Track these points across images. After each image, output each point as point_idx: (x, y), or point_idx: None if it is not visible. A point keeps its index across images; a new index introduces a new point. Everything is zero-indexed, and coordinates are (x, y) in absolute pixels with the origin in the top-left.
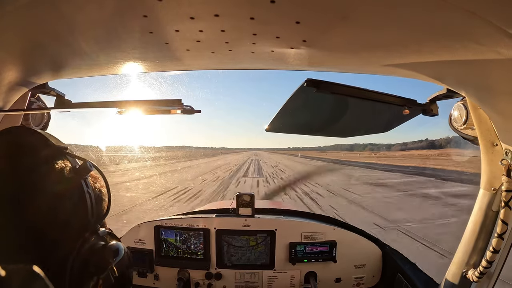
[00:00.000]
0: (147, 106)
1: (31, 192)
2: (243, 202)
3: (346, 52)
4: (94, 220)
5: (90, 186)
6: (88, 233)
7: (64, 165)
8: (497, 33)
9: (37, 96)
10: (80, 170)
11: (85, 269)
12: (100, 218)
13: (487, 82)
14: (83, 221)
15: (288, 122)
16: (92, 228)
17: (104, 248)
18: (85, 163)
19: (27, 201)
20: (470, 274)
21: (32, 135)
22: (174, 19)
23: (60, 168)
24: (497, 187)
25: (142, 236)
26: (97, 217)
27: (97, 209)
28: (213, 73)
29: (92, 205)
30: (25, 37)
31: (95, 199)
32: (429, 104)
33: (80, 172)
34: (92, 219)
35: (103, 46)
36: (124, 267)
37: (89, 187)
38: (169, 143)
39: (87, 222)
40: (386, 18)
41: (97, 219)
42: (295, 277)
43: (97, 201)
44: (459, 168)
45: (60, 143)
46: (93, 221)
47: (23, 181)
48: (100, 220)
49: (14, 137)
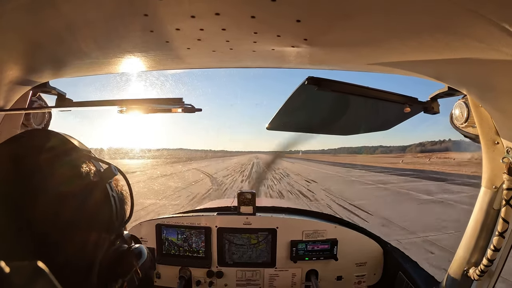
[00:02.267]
0: (148, 104)
1: (57, 196)
2: (245, 200)
3: (347, 50)
4: (119, 223)
5: (114, 189)
6: (114, 236)
7: (89, 169)
8: (499, 31)
9: (38, 95)
10: (105, 173)
11: (110, 272)
12: (124, 221)
13: (488, 80)
14: (108, 224)
15: (289, 120)
16: (117, 231)
17: (128, 251)
18: (109, 167)
19: (52, 207)
20: (471, 272)
21: (55, 138)
22: (174, 18)
23: (86, 172)
24: (498, 185)
25: (144, 234)
26: (121, 220)
27: (121, 213)
28: (214, 72)
29: (116, 208)
30: (26, 36)
31: (119, 202)
32: (430, 102)
33: (105, 176)
34: (116, 222)
35: (104, 44)
36: (147, 268)
37: (113, 191)
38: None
39: (112, 225)
40: (387, 16)
41: (121, 222)
42: (296, 275)
43: (120, 205)
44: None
45: (83, 146)
46: (118, 224)
47: (49, 185)
48: (124, 223)
49: (39, 140)
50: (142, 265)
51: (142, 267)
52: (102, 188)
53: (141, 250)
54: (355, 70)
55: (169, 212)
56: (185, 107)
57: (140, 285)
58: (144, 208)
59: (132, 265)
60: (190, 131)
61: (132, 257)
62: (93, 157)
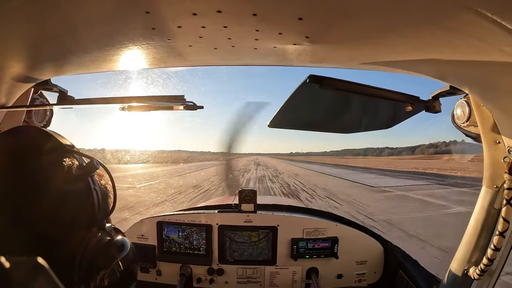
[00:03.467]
0: (149, 102)
1: (39, 191)
2: (246, 197)
3: (348, 48)
4: (101, 216)
5: (96, 183)
6: (96, 229)
7: (72, 163)
8: (501, 30)
9: (40, 93)
10: (87, 167)
11: (92, 264)
12: (107, 214)
13: (490, 80)
14: (90, 217)
15: (290, 118)
16: (99, 224)
17: (110, 243)
18: (91, 161)
19: (35, 200)
20: (471, 271)
21: (38, 134)
22: (176, 15)
23: (68, 166)
24: (499, 185)
25: (145, 231)
26: (103, 213)
27: (104, 205)
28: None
29: (98, 201)
30: (27, 34)
31: (102, 195)
32: (432, 101)
33: (87, 170)
34: (99, 215)
35: (106, 42)
36: (129, 262)
37: (95, 184)
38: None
39: (94, 218)
40: (388, 14)
41: (103, 215)
42: (297, 273)
43: (103, 198)
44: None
45: (66, 141)
46: (100, 217)
47: (31, 180)
48: (106, 216)
49: (20, 136)
50: (124, 258)
51: (124, 260)
52: (84, 181)
53: (123, 243)
54: (357, 69)
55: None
56: (186, 104)
57: (122, 278)
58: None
59: (114, 258)
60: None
61: (113, 250)
62: (76, 151)
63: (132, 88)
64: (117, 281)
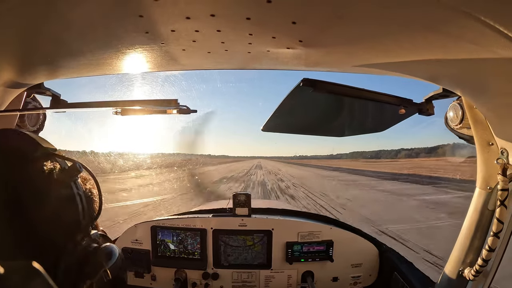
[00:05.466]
0: (143, 106)
1: (18, 195)
2: (240, 201)
3: (342, 52)
4: (86, 222)
5: (80, 187)
6: (80, 236)
7: (53, 167)
8: (493, 32)
9: (33, 96)
10: (69, 171)
11: (77, 272)
12: (92, 219)
13: (482, 82)
14: (74, 223)
15: (284, 121)
16: (84, 230)
17: (96, 250)
18: (74, 165)
19: (14, 204)
20: (466, 272)
21: (19, 137)
22: (170, 19)
23: (49, 170)
24: (492, 186)
25: (139, 236)
26: (88, 218)
27: (89, 211)
28: (210, 74)
29: (83, 206)
30: (20, 37)
31: (86, 200)
32: (425, 104)
33: (69, 174)
34: (83, 221)
35: (99, 45)
36: (118, 269)
37: (79, 189)
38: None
39: (79, 224)
40: (381, 18)
41: (88, 221)
42: (292, 277)
43: (88, 203)
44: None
45: (48, 145)
46: (85, 223)
47: (10, 184)
48: (91, 221)
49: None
50: (113, 266)
51: (112, 268)
52: (67, 186)
53: (111, 250)
54: (350, 72)
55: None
56: (180, 108)
57: (110, 286)
58: None
59: (101, 266)
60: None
61: (101, 257)
62: (58, 155)
63: (125, 92)
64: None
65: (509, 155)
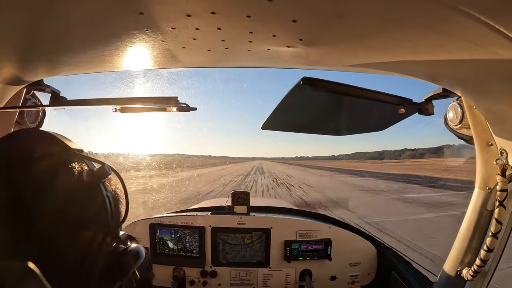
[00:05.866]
0: (143, 103)
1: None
2: (239, 199)
3: (342, 51)
4: (114, 223)
5: (108, 189)
6: (110, 238)
7: (81, 169)
8: (494, 33)
9: (32, 93)
10: (99, 173)
11: (108, 275)
12: (120, 221)
13: (482, 82)
14: (104, 225)
15: (284, 120)
16: (113, 232)
17: (125, 252)
18: (103, 166)
19: (46, 207)
20: (464, 272)
21: (46, 138)
22: (170, 17)
23: (78, 172)
24: (492, 187)
25: (137, 234)
26: (116, 220)
27: (116, 213)
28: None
29: (111, 208)
30: (20, 33)
31: (114, 202)
32: (425, 104)
33: (99, 176)
34: (112, 223)
35: (99, 42)
36: (145, 269)
37: (107, 191)
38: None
39: (108, 226)
40: (382, 17)
41: (117, 223)
42: (290, 275)
43: (115, 205)
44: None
45: (75, 146)
46: (113, 225)
47: (40, 186)
48: (119, 223)
49: (25, 141)
50: (140, 266)
51: (140, 267)
52: (96, 188)
53: (138, 251)
54: (350, 71)
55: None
56: (179, 106)
57: (138, 286)
58: None
59: (130, 267)
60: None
61: (129, 258)
62: (86, 156)
63: (125, 89)
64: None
65: (508, 155)
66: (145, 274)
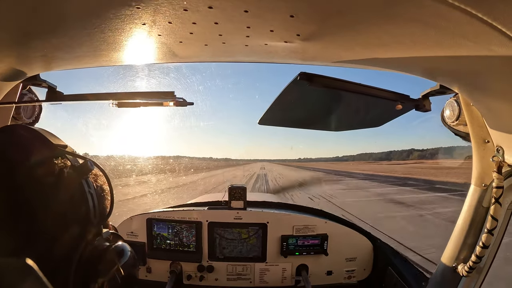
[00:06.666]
0: (140, 98)
1: (28, 193)
2: (235, 194)
3: (339, 47)
4: (97, 220)
5: (91, 185)
6: (92, 235)
7: (64, 165)
8: (491, 30)
9: (29, 88)
10: (81, 169)
11: (89, 272)
12: (103, 218)
13: (479, 79)
14: (85, 222)
15: (280, 115)
16: (95, 229)
17: (108, 249)
18: (85, 162)
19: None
20: (460, 268)
21: (29, 133)
22: (167, 11)
23: (60, 167)
24: (488, 184)
25: (134, 228)
26: (100, 217)
27: (100, 209)
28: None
29: (94, 205)
30: (16, 28)
31: (97, 198)
32: (422, 100)
33: (81, 172)
34: (94, 219)
35: (96, 37)
36: (130, 267)
37: (90, 187)
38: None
39: (90, 223)
40: (379, 12)
41: (100, 220)
42: (287, 270)
43: (99, 201)
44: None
45: (59, 141)
46: (96, 222)
47: (20, 181)
48: (103, 220)
49: (9, 136)
50: (124, 264)
51: (124, 265)
52: (78, 184)
53: (123, 249)
54: (348, 67)
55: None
56: (176, 100)
57: (122, 284)
58: None
59: (113, 264)
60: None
61: (113, 256)
62: (69, 152)
63: (121, 84)
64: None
65: (504, 153)
66: (131, 272)
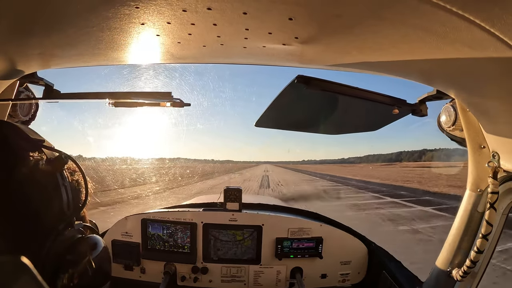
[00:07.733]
0: (137, 98)
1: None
2: (231, 196)
3: (337, 50)
4: (70, 212)
5: (66, 178)
6: (63, 226)
7: (39, 158)
8: (488, 36)
9: (26, 86)
10: (55, 162)
11: (59, 262)
12: (77, 210)
13: (476, 85)
14: (57, 214)
15: (277, 117)
16: (67, 221)
17: (79, 241)
18: (60, 156)
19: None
20: (454, 273)
21: (5, 128)
22: (166, 11)
23: (35, 161)
24: (483, 189)
25: (129, 229)
26: (74, 209)
27: (74, 202)
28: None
29: (68, 197)
30: (13, 25)
31: (72, 191)
32: (418, 105)
33: (55, 165)
34: (68, 211)
35: (94, 36)
36: (103, 260)
37: (64, 180)
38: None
39: (62, 214)
40: (378, 17)
41: (73, 212)
42: (281, 273)
43: (74, 194)
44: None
45: (36, 136)
46: (69, 214)
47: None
48: (76, 212)
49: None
50: (96, 257)
51: (96, 258)
52: (51, 176)
53: (95, 242)
54: (345, 70)
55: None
56: (173, 101)
57: (94, 277)
58: None
59: (83, 255)
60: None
61: (84, 247)
62: (45, 146)
63: (119, 83)
64: (88, 280)
65: (500, 158)
66: (103, 266)
